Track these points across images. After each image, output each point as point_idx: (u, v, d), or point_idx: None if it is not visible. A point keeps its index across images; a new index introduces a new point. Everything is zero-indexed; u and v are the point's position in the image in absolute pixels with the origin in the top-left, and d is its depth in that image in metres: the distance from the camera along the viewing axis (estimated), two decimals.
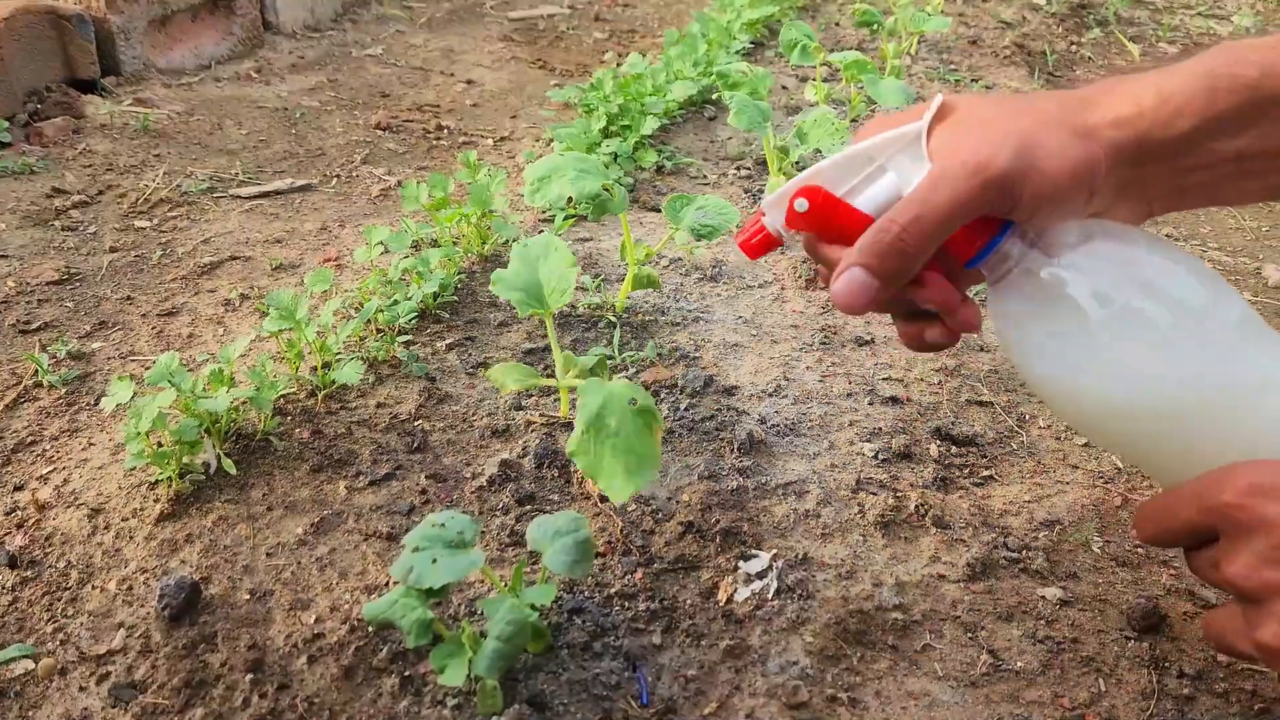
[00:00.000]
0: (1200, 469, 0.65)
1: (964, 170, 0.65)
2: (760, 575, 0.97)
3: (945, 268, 0.72)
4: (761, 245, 0.76)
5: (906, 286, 0.70)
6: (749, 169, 1.95)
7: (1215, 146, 0.68)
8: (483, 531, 1.02)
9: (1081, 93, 0.71)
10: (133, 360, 1.32)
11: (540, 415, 1.19)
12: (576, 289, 1.46)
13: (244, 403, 1.12)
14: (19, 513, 1.04)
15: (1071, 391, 0.70)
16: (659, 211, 1.73)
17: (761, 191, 1.82)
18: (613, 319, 1.39)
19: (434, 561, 0.81)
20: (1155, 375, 0.67)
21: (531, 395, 1.23)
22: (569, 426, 1.17)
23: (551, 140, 1.98)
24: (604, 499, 1.06)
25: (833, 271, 0.71)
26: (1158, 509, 0.68)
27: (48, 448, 1.15)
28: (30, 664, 0.87)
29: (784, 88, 2.47)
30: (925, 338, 0.75)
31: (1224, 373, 0.67)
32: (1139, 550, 1.02)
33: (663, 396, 1.23)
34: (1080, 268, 0.69)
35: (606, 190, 1.23)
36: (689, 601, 0.95)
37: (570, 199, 1.18)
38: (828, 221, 0.71)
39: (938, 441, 1.17)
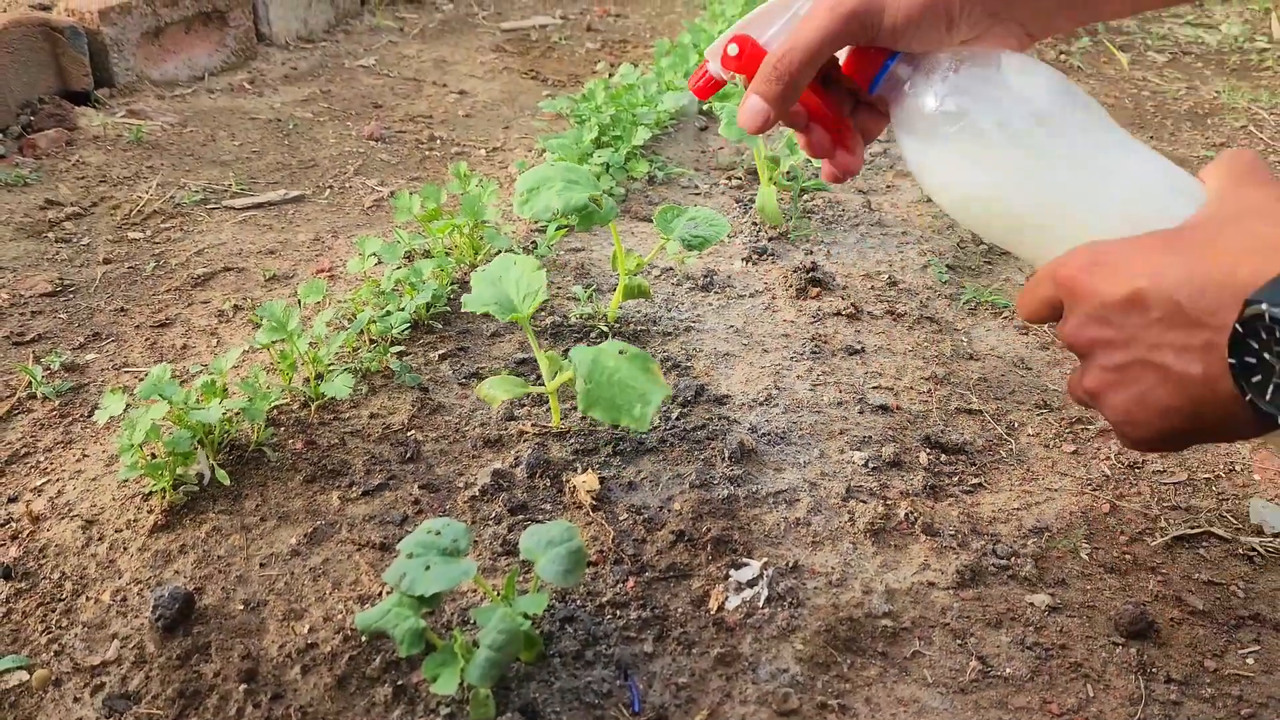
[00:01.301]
0: (1062, 252, 0.76)
1: (825, 8, 0.78)
2: (751, 583, 0.98)
3: (850, 100, 0.87)
4: (707, 87, 0.87)
5: (799, 135, 0.85)
6: (740, 179, 1.96)
7: None
8: (475, 541, 1.03)
9: None
10: (126, 372, 1.33)
11: (532, 425, 1.20)
12: (569, 299, 1.47)
13: (237, 414, 1.12)
14: (13, 524, 1.05)
15: (955, 199, 0.83)
16: (650, 221, 1.74)
17: (752, 200, 1.84)
18: (604, 328, 1.40)
19: (427, 568, 0.81)
20: (1018, 176, 0.78)
21: (523, 405, 1.24)
22: (561, 436, 1.18)
23: (544, 151, 1.99)
24: (596, 508, 1.07)
25: (742, 125, 0.83)
26: (1027, 288, 0.78)
27: (42, 459, 1.15)
28: (25, 675, 0.88)
29: None
30: (824, 170, 0.88)
31: (1075, 168, 0.78)
32: (1127, 557, 1.03)
33: None
34: (952, 88, 0.80)
35: (594, 201, 1.23)
36: (680, 610, 0.96)
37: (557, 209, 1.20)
38: (753, 64, 0.82)
39: (927, 449, 1.18)
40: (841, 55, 0.84)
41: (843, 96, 0.87)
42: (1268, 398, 0.62)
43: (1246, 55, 2.96)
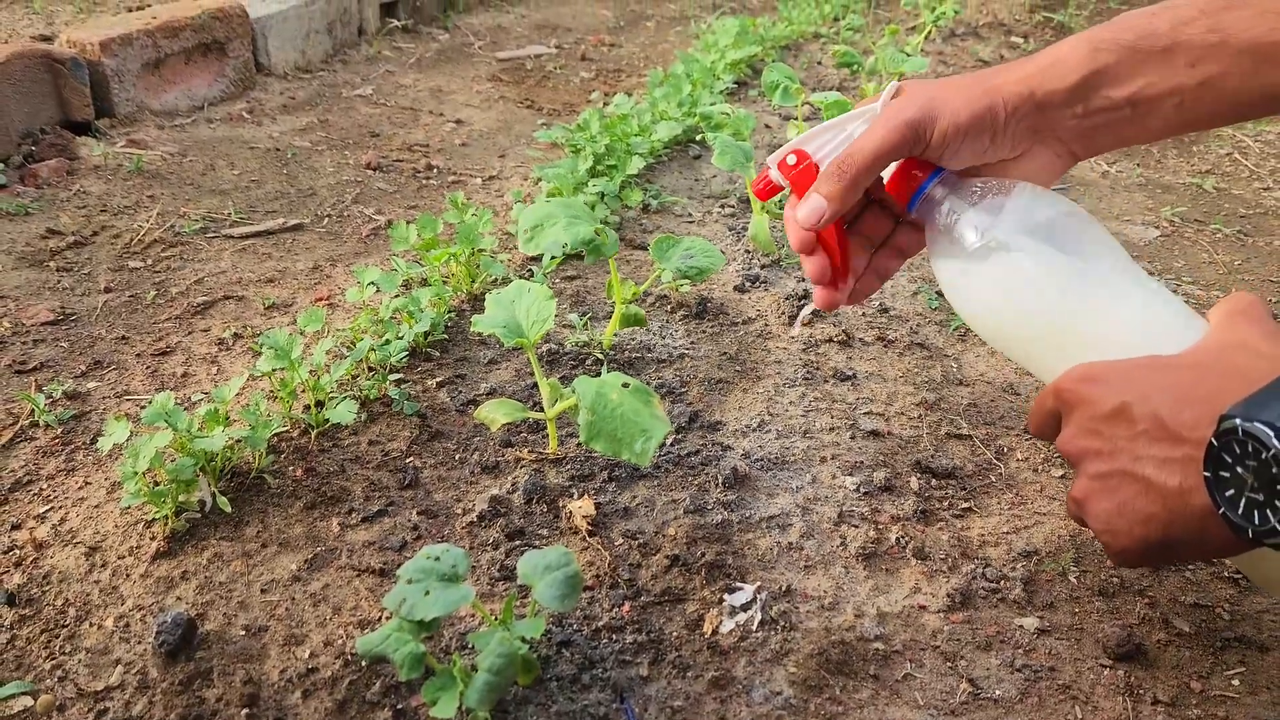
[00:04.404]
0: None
1: (886, 119, 0.85)
2: (745, 607, 1.00)
3: (891, 220, 0.96)
4: (767, 190, 0.95)
5: (805, 260, 0.93)
6: (733, 207, 1.99)
7: (1107, 94, 0.85)
8: (473, 566, 1.04)
9: (1000, 65, 0.90)
10: (128, 399, 1.34)
11: (530, 452, 1.22)
12: (564, 326, 1.49)
13: (239, 441, 1.14)
14: (17, 551, 1.06)
15: (977, 316, 0.89)
16: (645, 249, 1.76)
17: (745, 228, 1.86)
18: (600, 356, 1.42)
19: (426, 593, 0.83)
20: (1035, 299, 0.84)
21: (520, 432, 1.26)
22: (558, 463, 1.20)
23: (539, 180, 2.01)
24: (592, 533, 1.08)
25: (794, 225, 0.91)
26: (1035, 404, 0.84)
27: (44, 487, 1.17)
28: (29, 700, 0.89)
29: (767, 126, 2.52)
30: (817, 296, 0.96)
31: (1088, 296, 0.83)
32: (1115, 579, 1.05)
33: None
34: (979, 213, 0.86)
35: (598, 234, 1.26)
36: (675, 633, 0.97)
37: (565, 244, 1.22)
38: (803, 178, 0.91)
39: (918, 474, 1.20)
40: (886, 174, 0.91)
41: (881, 216, 0.96)
42: (1240, 511, 0.66)
43: None
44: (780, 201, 1.82)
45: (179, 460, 1.07)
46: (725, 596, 1.01)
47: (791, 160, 0.92)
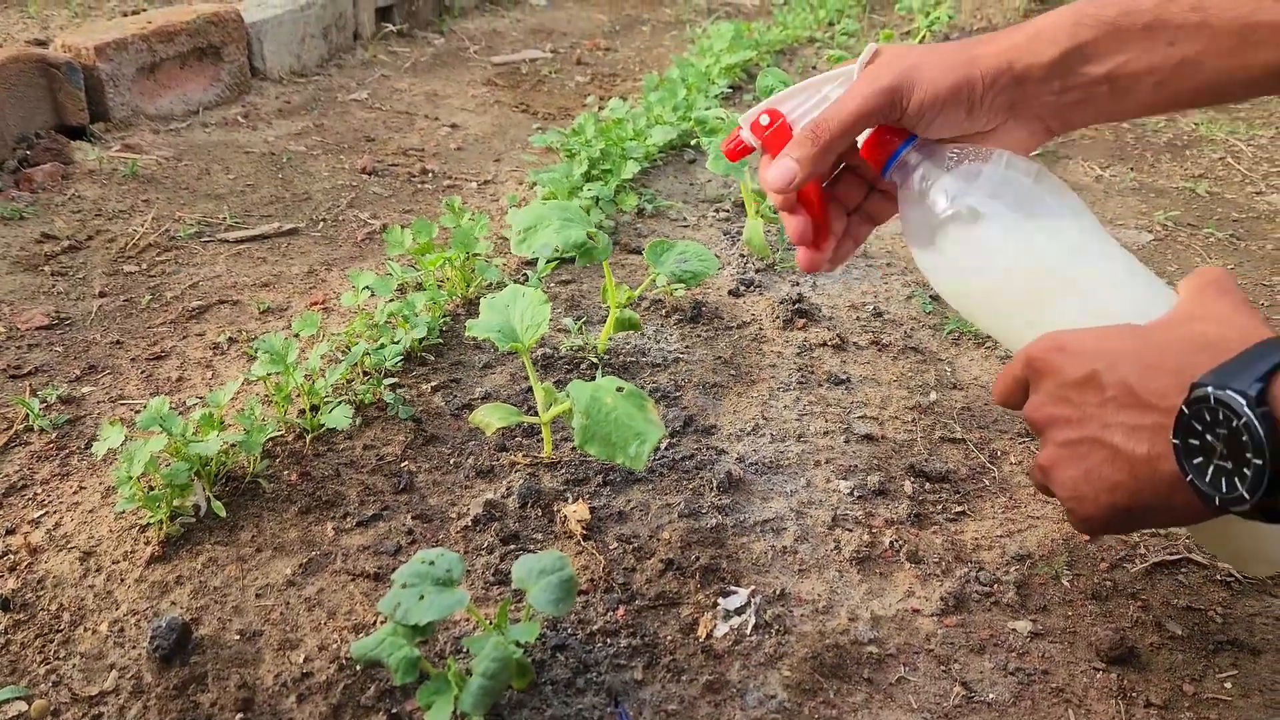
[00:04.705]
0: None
1: (863, 85, 0.84)
2: (739, 611, 1.00)
3: (864, 186, 0.95)
4: (737, 150, 0.94)
5: (786, 218, 0.92)
6: (728, 211, 1.99)
7: (1086, 70, 0.83)
8: (468, 570, 1.04)
9: (981, 36, 0.88)
10: (122, 404, 1.34)
11: (524, 456, 1.22)
12: (559, 331, 1.50)
13: (233, 446, 1.14)
14: (11, 556, 1.06)
15: (948, 283, 0.89)
16: (640, 254, 1.77)
17: (739, 233, 1.87)
18: (595, 360, 1.42)
19: (421, 598, 0.83)
20: (1007, 266, 0.83)
21: (515, 436, 1.26)
22: (553, 467, 1.20)
23: (534, 184, 2.02)
24: (586, 537, 1.09)
25: (768, 183, 0.90)
26: (1002, 372, 0.83)
27: (39, 491, 1.17)
28: (23, 705, 0.89)
29: None
30: (799, 257, 0.95)
31: (1060, 265, 0.83)
32: (1108, 583, 1.05)
33: None
34: (953, 179, 0.85)
35: (591, 238, 1.26)
36: (669, 637, 0.97)
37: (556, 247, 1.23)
38: (776, 138, 0.90)
39: (912, 478, 1.21)
40: (860, 139, 0.90)
41: (854, 183, 0.96)
42: (1207, 479, 0.66)
43: None
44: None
45: (173, 465, 1.07)
46: (719, 600, 1.01)
47: (764, 120, 0.90)
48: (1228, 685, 0.94)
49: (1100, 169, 2.37)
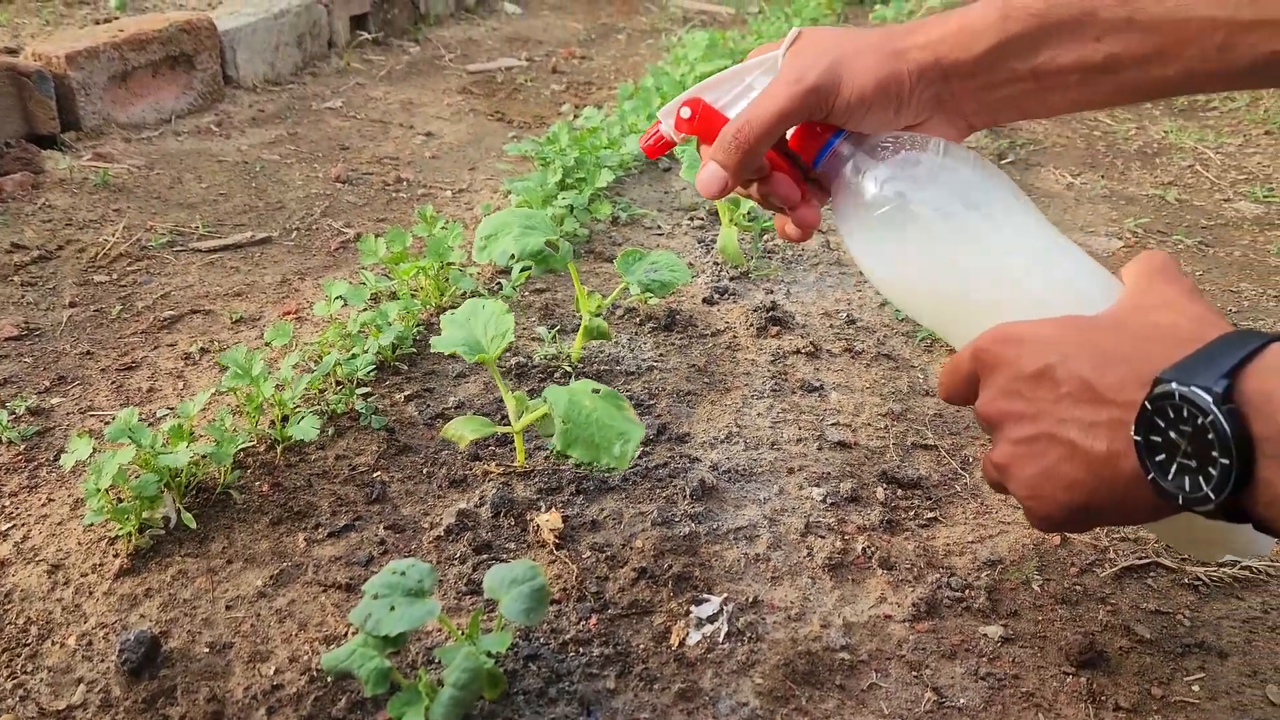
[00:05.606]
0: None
1: (785, 83, 0.81)
2: (711, 619, 1.00)
3: (800, 173, 0.88)
4: (658, 146, 0.90)
5: (762, 184, 0.87)
6: (702, 219, 2.00)
7: (1013, 65, 0.81)
8: (440, 580, 1.04)
9: (906, 25, 0.85)
10: (92, 415, 1.33)
11: (497, 465, 1.22)
12: (533, 340, 1.49)
13: (204, 457, 1.13)
14: None
15: (885, 276, 0.86)
16: (614, 262, 1.77)
17: (714, 240, 1.87)
18: (569, 369, 1.42)
19: (392, 609, 0.83)
20: (946, 258, 0.81)
21: (488, 445, 1.26)
22: (526, 476, 1.20)
23: (509, 193, 2.02)
24: (559, 546, 1.09)
25: (700, 188, 0.86)
26: (947, 367, 0.80)
27: (7, 504, 1.15)
28: None
29: None
30: (785, 229, 0.91)
31: (1001, 254, 0.81)
32: (1077, 588, 1.06)
33: None
34: (889, 169, 0.83)
35: (551, 245, 1.26)
36: (642, 646, 0.97)
37: (513, 255, 1.22)
38: (707, 127, 0.86)
39: (884, 485, 1.21)
40: (789, 131, 0.88)
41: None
42: (1170, 477, 0.64)
43: (1194, 97, 3.05)
44: (748, 212, 1.83)
45: (143, 476, 1.06)
46: (692, 608, 1.01)
47: (686, 113, 0.86)
48: (1195, 688, 0.95)
49: (1071, 176, 2.39)
